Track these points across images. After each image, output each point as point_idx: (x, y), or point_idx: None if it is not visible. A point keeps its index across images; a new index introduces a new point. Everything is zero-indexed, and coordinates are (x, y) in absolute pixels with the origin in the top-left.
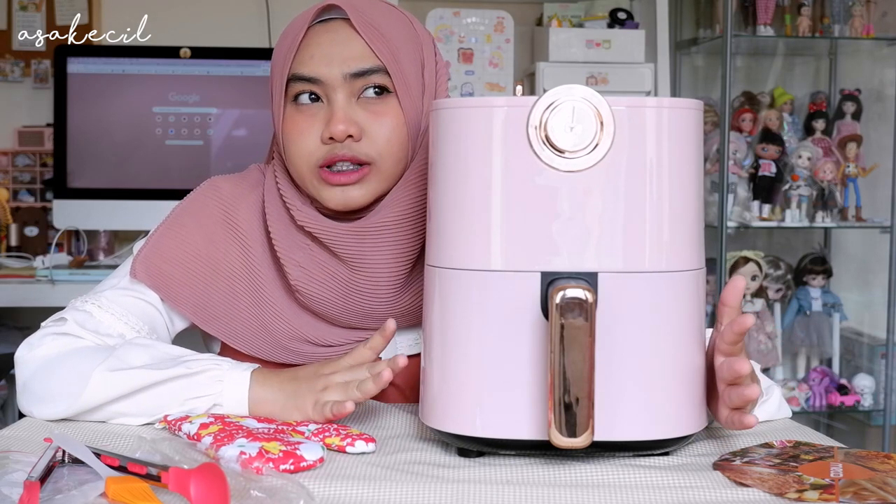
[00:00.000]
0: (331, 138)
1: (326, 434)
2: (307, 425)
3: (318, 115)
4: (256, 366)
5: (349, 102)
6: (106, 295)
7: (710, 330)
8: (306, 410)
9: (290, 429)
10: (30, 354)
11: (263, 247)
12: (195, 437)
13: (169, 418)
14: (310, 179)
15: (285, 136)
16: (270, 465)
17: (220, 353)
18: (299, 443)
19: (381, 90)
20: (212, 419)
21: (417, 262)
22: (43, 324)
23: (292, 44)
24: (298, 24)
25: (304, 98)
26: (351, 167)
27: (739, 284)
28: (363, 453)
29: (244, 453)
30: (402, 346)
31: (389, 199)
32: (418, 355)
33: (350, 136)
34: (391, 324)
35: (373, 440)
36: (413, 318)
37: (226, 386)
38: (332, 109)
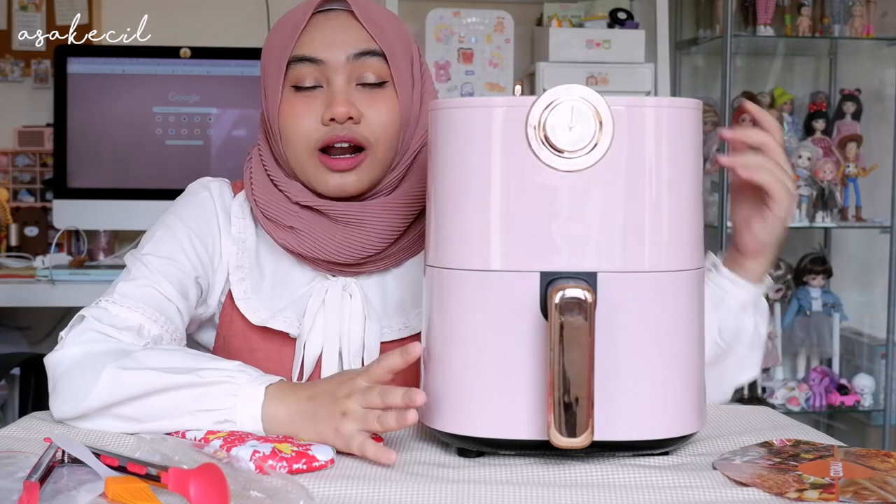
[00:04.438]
0: (332, 120)
1: None
2: None
3: (318, 98)
4: (275, 379)
5: (348, 86)
6: (118, 290)
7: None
8: (326, 437)
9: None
10: (55, 357)
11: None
12: (202, 441)
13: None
14: (307, 163)
15: (283, 120)
16: (284, 463)
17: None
18: (310, 444)
19: (378, 82)
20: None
21: (417, 219)
22: (63, 332)
23: (294, 30)
24: (299, 13)
25: (306, 81)
26: (349, 154)
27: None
28: None
29: (257, 452)
30: (388, 332)
31: (384, 186)
32: (404, 340)
33: (350, 117)
34: (416, 349)
35: (380, 440)
36: (416, 250)
37: (239, 401)
38: (333, 92)
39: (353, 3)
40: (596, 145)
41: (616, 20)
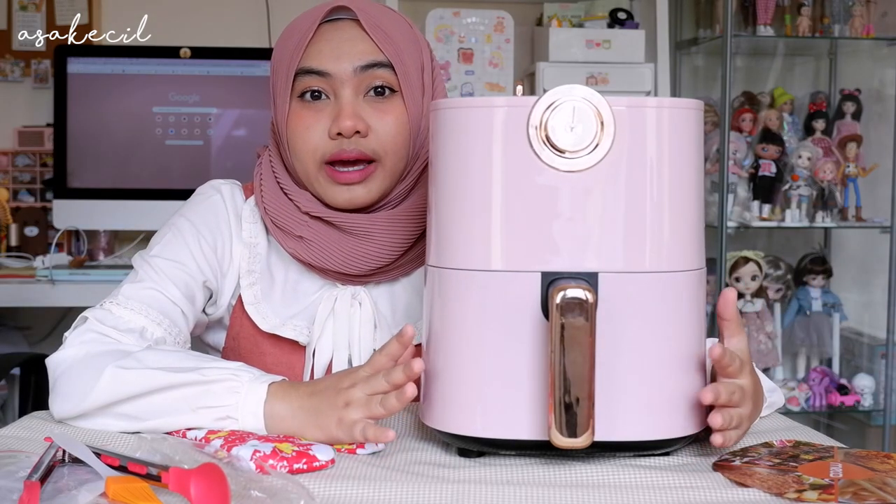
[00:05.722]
0: (339, 134)
1: None
2: None
3: (325, 110)
4: (276, 378)
5: (356, 99)
6: (123, 291)
7: (710, 340)
8: (329, 429)
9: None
10: (56, 357)
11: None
12: (203, 441)
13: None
14: (315, 176)
15: (291, 132)
16: (284, 463)
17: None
18: (311, 444)
19: (386, 90)
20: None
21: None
22: (67, 332)
23: (301, 40)
24: (306, 22)
25: (313, 94)
26: (357, 167)
27: (730, 296)
28: (374, 453)
29: (258, 451)
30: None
31: (394, 197)
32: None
33: (357, 131)
34: (409, 329)
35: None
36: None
37: (241, 398)
38: (340, 105)
39: (359, 12)
40: (597, 146)
41: (616, 20)
